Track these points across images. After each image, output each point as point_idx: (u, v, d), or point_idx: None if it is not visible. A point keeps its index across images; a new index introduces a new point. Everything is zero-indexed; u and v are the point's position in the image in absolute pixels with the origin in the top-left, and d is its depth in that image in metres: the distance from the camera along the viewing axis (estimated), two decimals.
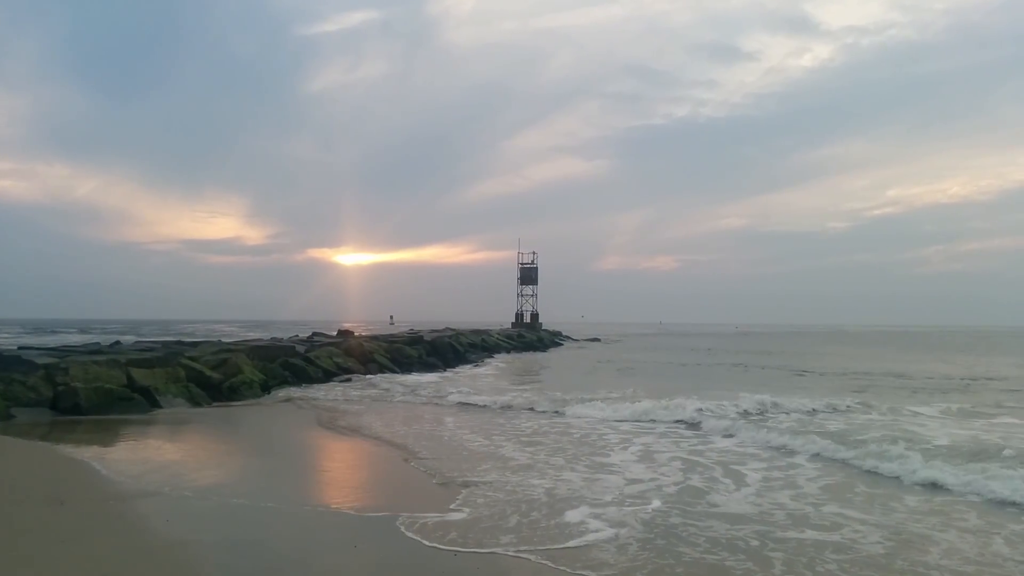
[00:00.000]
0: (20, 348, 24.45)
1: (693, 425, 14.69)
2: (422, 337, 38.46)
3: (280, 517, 7.99)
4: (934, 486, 9.28)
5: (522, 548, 6.76)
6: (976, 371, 30.60)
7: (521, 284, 68.09)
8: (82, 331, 69.32)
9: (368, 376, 26.60)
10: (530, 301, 68.25)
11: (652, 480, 9.76)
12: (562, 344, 60.49)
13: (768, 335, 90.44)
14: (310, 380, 24.59)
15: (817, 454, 11.43)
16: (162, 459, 11.18)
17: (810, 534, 7.23)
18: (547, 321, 69.35)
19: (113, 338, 37.39)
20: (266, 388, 22.16)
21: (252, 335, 45.75)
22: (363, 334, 41.07)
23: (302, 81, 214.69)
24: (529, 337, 55.71)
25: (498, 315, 76.16)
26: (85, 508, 8.03)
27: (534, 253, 68.12)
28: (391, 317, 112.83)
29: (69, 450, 11.89)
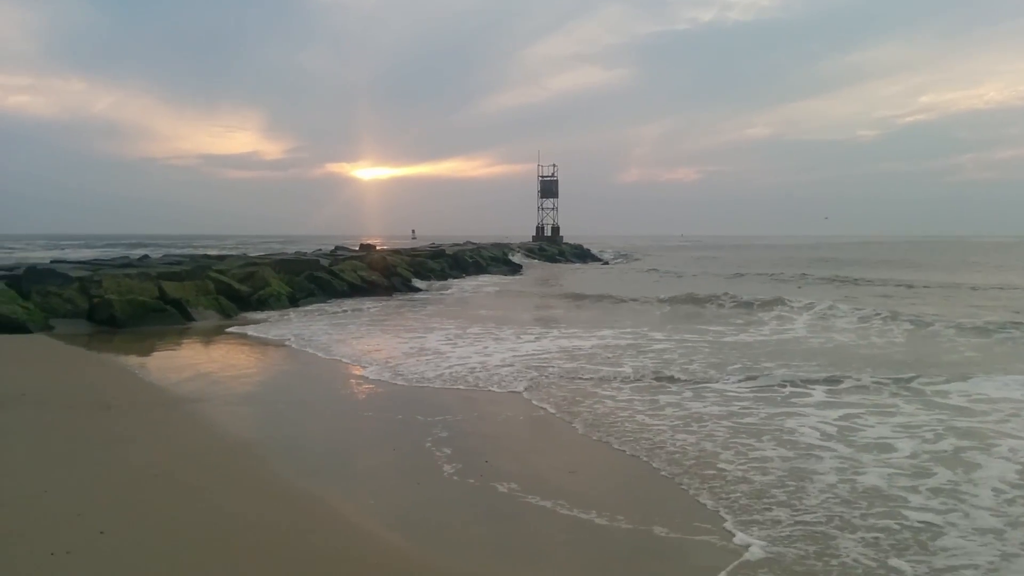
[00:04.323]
0: (53, 262, 24.84)
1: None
2: (444, 251, 38.58)
3: (322, 417, 8.26)
4: None
5: None
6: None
7: (541, 197, 67.48)
8: (108, 245, 70.25)
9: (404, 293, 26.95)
10: (551, 215, 67.79)
11: None
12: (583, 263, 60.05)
13: (773, 247, 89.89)
14: (335, 293, 24.84)
15: None
16: (201, 368, 11.42)
17: None
18: (571, 235, 69.13)
19: (138, 252, 37.77)
20: (294, 301, 22.43)
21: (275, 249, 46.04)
22: (385, 248, 41.24)
23: None
24: (550, 250, 55.68)
25: (519, 229, 75.96)
26: (135, 413, 8.24)
27: (554, 166, 67.24)
28: (413, 231, 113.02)
29: (111, 358, 12.19)
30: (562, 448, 7.38)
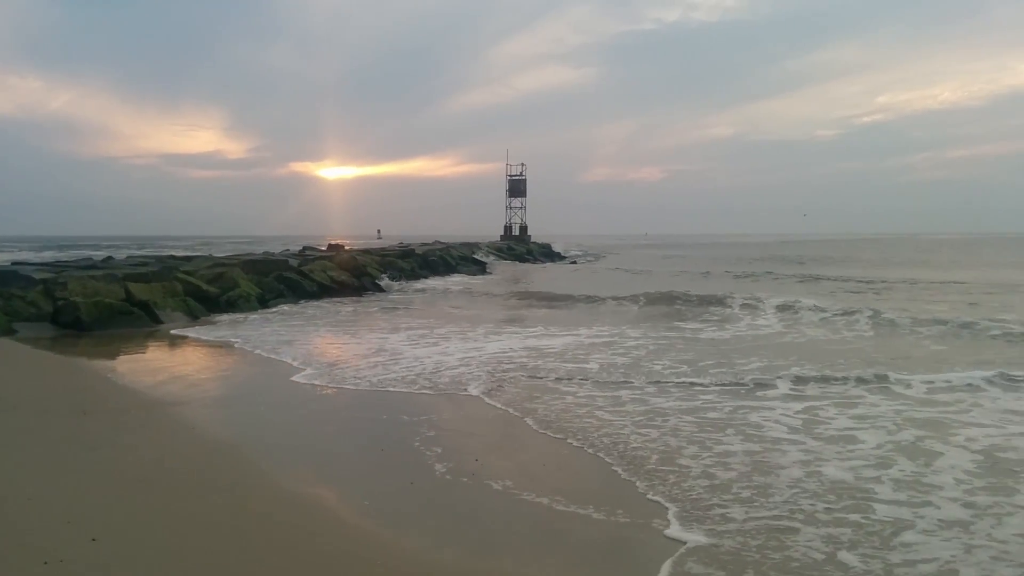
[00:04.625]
0: (14, 264, 24.32)
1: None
2: (413, 250, 38.52)
3: (298, 420, 8.26)
4: None
5: None
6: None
7: (510, 196, 67.55)
8: (64, 247, 68.69)
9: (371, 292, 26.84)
10: (519, 214, 67.91)
11: None
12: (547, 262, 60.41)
13: (733, 245, 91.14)
14: (305, 294, 24.68)
15: None
16: (176, 371, 11.33)
17: None
18: (537, 234, 69.30)
19: (101, 254, 37.12)
20: (263, 302, 22.26)
21: (241, 250, 45.51)
22: (353, 248, 41.01)
23: None
24: (519, 249, 55.81)
25: (487, 228, 75.95)
26: (113, 417, 8.18)
27: (523, 165, 67.33)
28: (378, 231, 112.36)
29: (80, 362, 12.02)
30: (515, 446, 7.44)
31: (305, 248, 39.34)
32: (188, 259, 27.81)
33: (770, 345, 13.35)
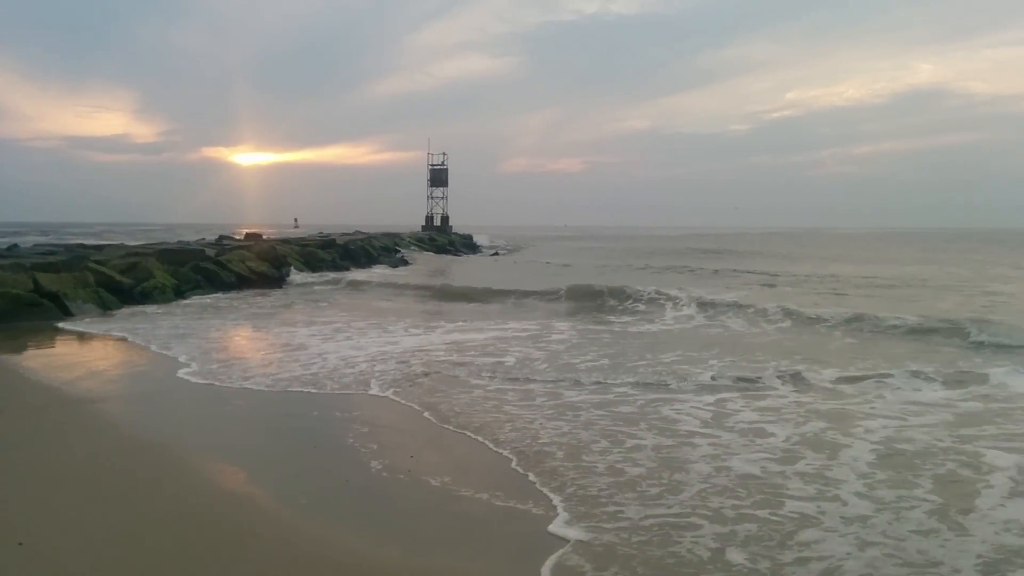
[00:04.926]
0: None
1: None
2: (334, 241, 38.06)
3: (227, 419, 8.25)
4: None
5: None
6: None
7: (431, 186, 67.37)
8: None
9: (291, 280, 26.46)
10: (440, 204, 67.85)
11: None
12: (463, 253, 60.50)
13: (644, 237, 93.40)
14: (223, 285, 24.19)
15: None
16: (93, 366, 11.06)
17: None
18: (457, 224, 69.34)
19: (5, 241, 35.31)
20: (180, 293, 21.75)
21: (152, 239, 44.01)
22: (272, 237, 40.23)
23: None
24: (440, 240, 55.78)
25: (407, 218, 75.62)
26: (32, 415, 8.00)
27: (444, 154, 67.20)
28: (295, 220, 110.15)
29: None
30: (414, 441, 7.45)
31: (222, 237, 38.37)
32: (99, 248, 26.85)
33: (689, 339, 13.90)
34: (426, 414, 8.35)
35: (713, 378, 10.17)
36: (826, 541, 5.00)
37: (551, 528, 5.15)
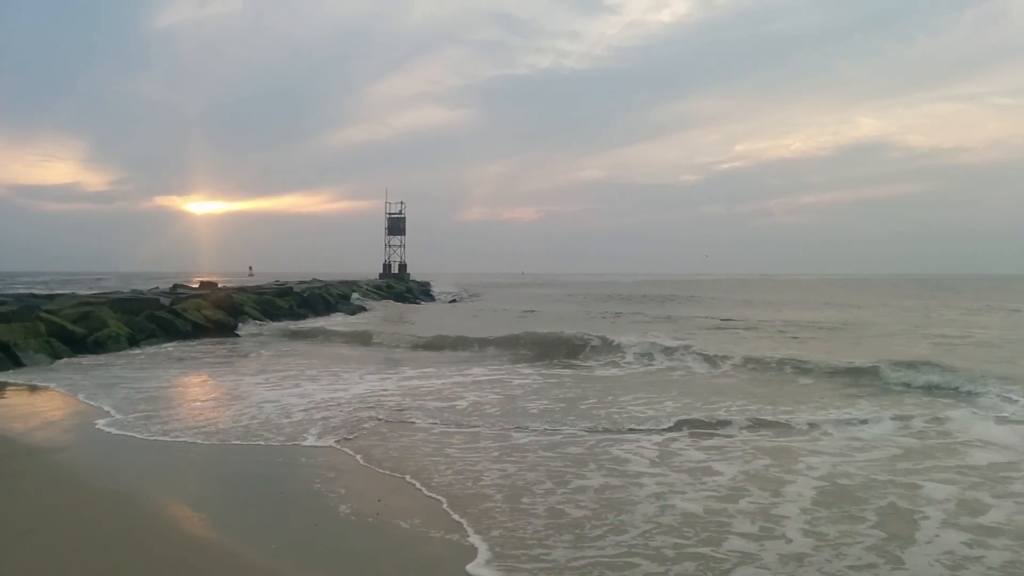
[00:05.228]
0: None
1: None
2: (291, 288, 37.88)
3: (202, 461, 8.25)
4: None
5: None
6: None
7: (389, 234, 67.62)
8: None
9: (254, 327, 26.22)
10: (398, 252, 68.02)
11: None
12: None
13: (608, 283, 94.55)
14: (179, 334, 23.93)
15: None
16: (49, 416, 10.93)
17: None
18: (415, 272, 69.45)
19: None
20: (134, 342, 21.50)
21: (100, 288, 43.20)
22: (226, 286, 39.88)
23: (148, 15, 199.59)
24: (398, 288, 55.80)
25: (364, 266, 75.41)
26: None
27: (402, 203, 67.64)
28: (250, 268, 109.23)
29: None
30: (341, 486, 7.35)
31: (176, 286, 37.93)
32: (51, 297, 26.38)
33: (648, 383, 14.21)
34: (358, 458, 8.32)
35: (668, 423, 10.46)
36: None
37: (469, 568, 5.21)
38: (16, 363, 17.05)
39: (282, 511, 6.61)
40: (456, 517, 6.29)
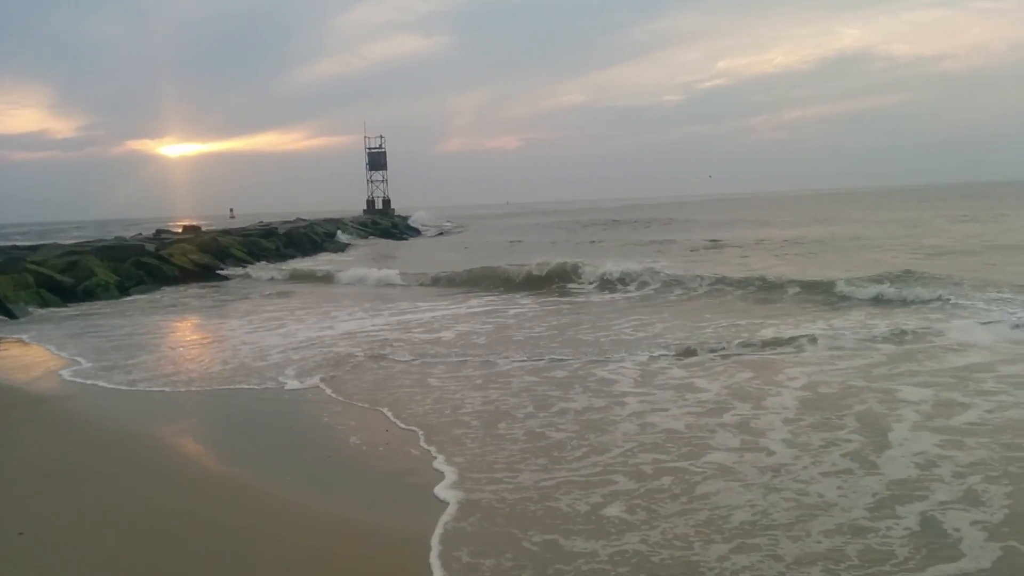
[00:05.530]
0: None
1: None
2: (276, 229, 37.72)
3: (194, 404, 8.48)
4: None
5: None
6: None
7: (370, 170, 66.90)
8: None
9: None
10: (381, 187, 67.47)
11: None
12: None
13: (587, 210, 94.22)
14: (167, 280, 23.94)
15: None
16: (48, 365, 11.07)
17: None
18: (398, 206, 69.06)
19: None
20: (124, 290, 21.49)
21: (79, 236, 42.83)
22: (210, 229, 39.63)
23: None
24: (384, 224, 55.59)
25: (346, 203, 74.85)
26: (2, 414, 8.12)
27: (381, 137, 66.75)
28: (231, 210, 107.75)
29: None
30: (318, 422, 7.52)
31: (159, 231, 37.69)
32: (34, 248, 26.25)
33: (645, 307, 14.37)
34: (329, 391, 8.51)
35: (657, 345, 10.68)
36: (727, 491, 5.18)
37: (436, 490, 5.44)
38: (9, 315, 17.10)
39: (259, 447, 6.85)
40: (425, 445, 6.43)
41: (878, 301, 13.18)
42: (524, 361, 9.68)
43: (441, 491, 5.42)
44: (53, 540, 4.84)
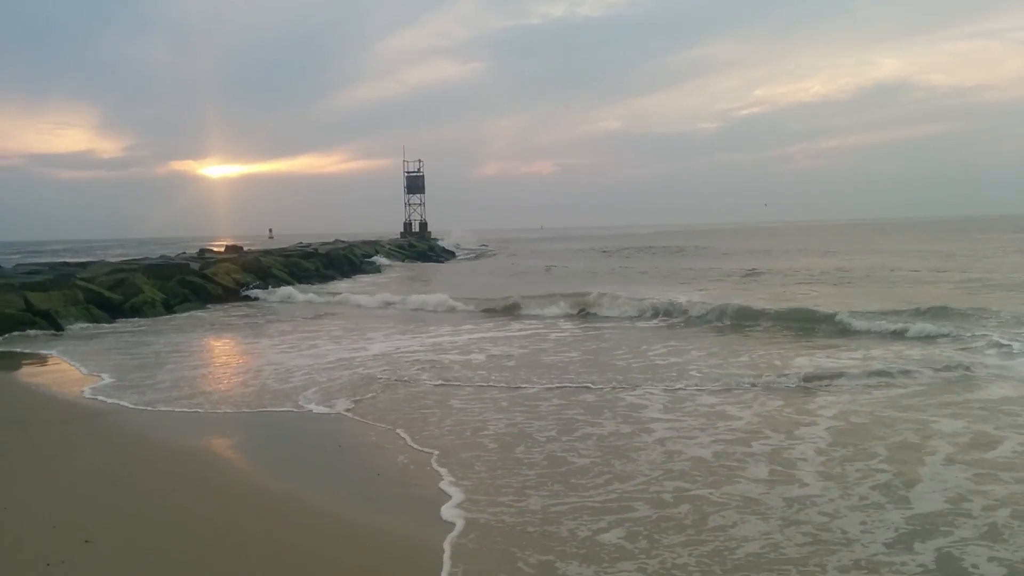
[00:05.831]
0: None
1: None
2: (316, 250, 38.41)
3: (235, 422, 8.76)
4: None
5: None
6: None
7: (408, 193, 67.96)
8: None
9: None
10: (418, 210, 68.44)
11: None
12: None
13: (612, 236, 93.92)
14: (211, 298, 24.52)
15: None
16: (104, 380, 11.46)
17: None
18: (435, 230, 69.88)
19: None
20: (169, 307, 22.08)
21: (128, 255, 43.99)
22: (251, 249, 40.51)
23: None
24: (420, 247, 56.24)
25: (383, 225, 76.11)
26: (57, 427, 8.49)
27: (420, 161, 67.88)
28: (270, 231, 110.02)
29: None
30: (334, 443, 7.73)
31: (203, 250, 38.61)
32: (83, 265, 27.09)
33: (676, 336, 14.48)
34: (350, 414, 8.72)
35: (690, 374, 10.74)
36: (742, 523, 5.13)
37: (442, 513, 5.54)
38: (57, 329, 17.70)
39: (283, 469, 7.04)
40: (437, 467, 6.59)
41: (913, 334, 13.12)
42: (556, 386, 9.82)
43: (447, 511, 5.57)
44: (116, 549, 5.10)
